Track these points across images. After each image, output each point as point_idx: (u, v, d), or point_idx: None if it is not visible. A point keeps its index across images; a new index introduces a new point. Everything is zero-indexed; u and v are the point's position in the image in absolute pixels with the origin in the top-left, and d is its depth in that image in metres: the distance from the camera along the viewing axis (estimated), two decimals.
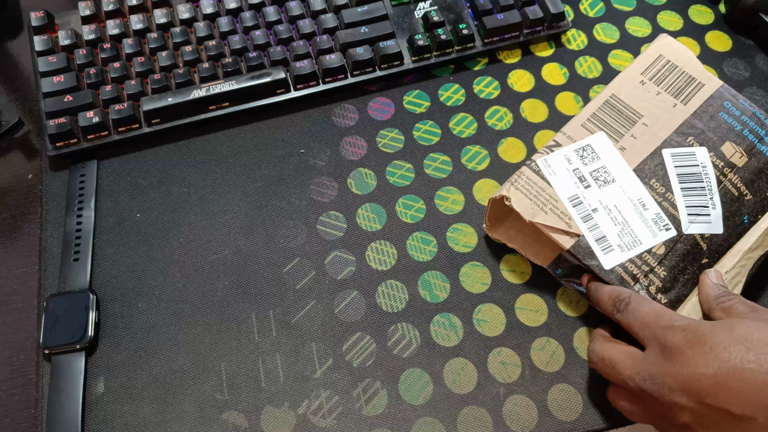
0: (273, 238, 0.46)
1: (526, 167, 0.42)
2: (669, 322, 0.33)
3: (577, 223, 0.39)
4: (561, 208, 0.40)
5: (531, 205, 0.40)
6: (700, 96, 0.43)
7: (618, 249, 0.38)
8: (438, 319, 0.43)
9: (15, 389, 0.41)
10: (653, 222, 0.39)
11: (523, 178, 0.41)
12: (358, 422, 0.40)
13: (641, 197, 0.40)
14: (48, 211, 0.46)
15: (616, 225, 0.39)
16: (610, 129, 0.42)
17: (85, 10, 0.51)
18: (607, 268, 0.38)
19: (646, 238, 0.38)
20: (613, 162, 0.41)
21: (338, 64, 0.50)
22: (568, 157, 0.41)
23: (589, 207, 0.39)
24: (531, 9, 0.53)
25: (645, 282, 0.38)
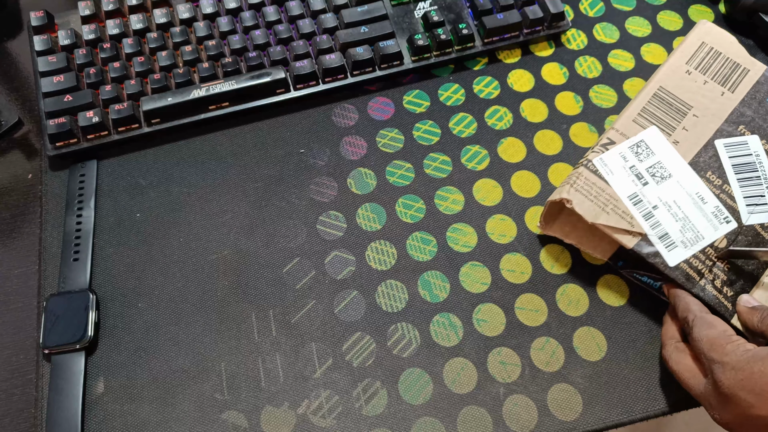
0: (273, 237, 0.46)
1: (583, 167, 0.41)
2: (720, 356, 0.33)
3: (639, 222, 0.39)
4: (622, 208, 0.40)
5: (592, 207, 0.40)
6: (746, 82, 0.42)
7: (681, 245, 0.38)
8: (438, 319, 0.43)
9: (15, 389, 0.41)
10: (713, 215, 0.39)
11: (582, 178, 0.41)
12: (358, 422, 0.40)
13: (699, 191, 0.39)
14: (48, 210, 0.46)
15: (677, 221, 0.39)
16: (661, 123, 0.42)
17: (84, 10, 0.51)
18: (672, 265, 0.38)
19: (708, 232, 0.38)
20: (668, 157, 0.41)
21: (338, 63, 0.50)
22: (624, 154, 0.41)
23: (649, 205, 0.39)
24: (531, 9, 0.53)
25: (710, 277, 0.38)
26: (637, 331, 0.42)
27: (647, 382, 0.41)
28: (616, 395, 0.40)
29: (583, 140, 0.50)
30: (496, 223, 0.46)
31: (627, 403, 0.40)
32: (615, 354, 0.42)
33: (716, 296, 0.38)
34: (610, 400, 0.40)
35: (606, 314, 0.43)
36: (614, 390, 0.41)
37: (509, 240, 0.46)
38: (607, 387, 0.41)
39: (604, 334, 0.42)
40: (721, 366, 0.32)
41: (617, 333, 0.42)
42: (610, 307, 0.43)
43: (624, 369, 0.41)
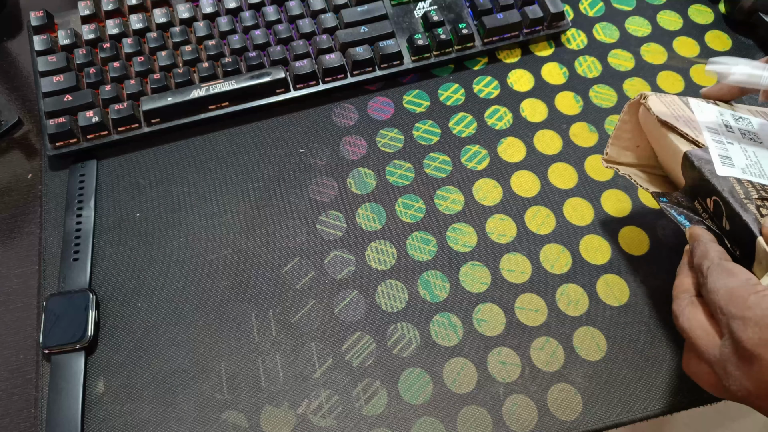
0: (273, 237, 0.46)
1: (675, 95, 0.39)
2: (741, 310, 0.28)
3: (706, 138, 0.36)
4: (695, 126, 0.37)
5: (666, 111, 0.37)
6: None
7: (740, 170, 0.35)
8: (438, 319, 0.43)
9: (15, 389, 0.41)
10: None
11: (670, 98, 0.39)
12: (358, 422, 0.40)
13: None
14: (48, 210, 0.46)
15: (747, 158, 0.36)
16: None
17: (84, 10, 0.51)
18: (720, 174, 0.34)
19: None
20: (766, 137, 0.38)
21: (338, 63, 0.50)
22: (722, 113, 0.39)
23: (725, 139, 0.37)
24: (531, 8, 0.53)
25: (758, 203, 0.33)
26: (637, 331, 0.42)
27: (647, 382, 0.41)
28: (616, 395, 0.40)
29: (583, 140, 0.50)
30: (496, 222, 0.46)
31: (627, 403, 0.40)
32: (615, 354, 0.42)
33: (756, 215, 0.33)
34: (610, 400, 0.40)
35: (606, 314, 0.43)
36: (614, 390, 0.41)
37: (509, 240, 0.46)
38: (607, 387, 0.41)
39: (604, 334, 0.42)
40: (742, 322, 0.28)
41: (617, 333, 0.42)
42: (610, 307, 0.43)
43: (624, 369, 0.41)
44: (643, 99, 0.38)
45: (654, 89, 0.52)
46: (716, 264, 0.31)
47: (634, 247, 0.45)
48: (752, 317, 0.27)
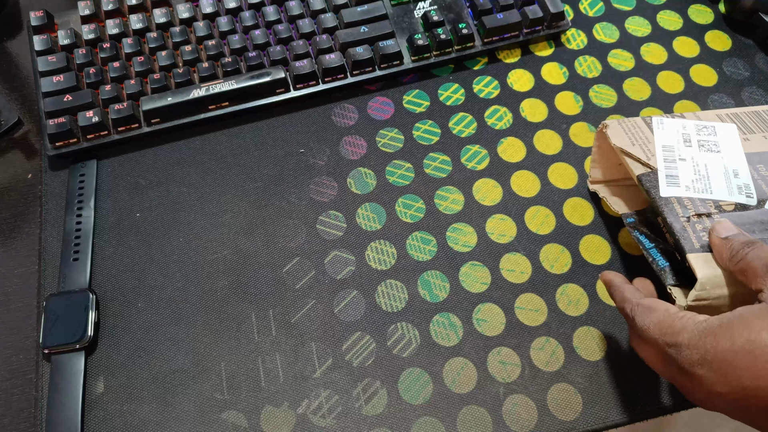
0: (272, 237, 0.46)
1: (640, 118, 0.42)
2: (672, 338, 0.31)
3: (657, 160, 0.39)
4: (650, 148, 0.40)
5: (624, 137, 0.40)
6: None
7: (684, 188, 0.38)
8: (438, 319, 0.43)
9: (15, 389, 0.41)
10: (737, 187, 0.38)
11: (631, 121, 0.42)
12: (358, 422, 0.40)
13: (738, 169, 0.39)
14: (48, 210, 0.46)
15: (696, 174, 0.38)
16: (743, 125, 0.42)
17: (84, 10, 0.51)
18: (663, 195, 0.37)
19: (720, 192, 0.37)
20: (728, 142, 0.40)
21: (338, 63, 0.50)
22: (685, 125, 0.41)
23: (677, 156, 0.39)
24: (530, 8, 0.53)
25: (695, 219, 0.36)
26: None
27: (647, 382, 0.41)
28: (616, 395, 0.40)
29: (582, 140, 0.50)
30: (495, 222, 0.46)
31: (627, 403, 0.40)
32: (615, 354, 0.42)
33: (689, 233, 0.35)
34: (610, 400, 0.40)
35: (606, 314, 0.43)
36: (614, 390, 0.41)
37: (509, 240, 0.46)
38: (607, 387, 0.41)
39: (604, 334, 0.42)
40: (677, 348, 0.30)
41: (617, 333, 0.42)
42: (610, 307, 0.43)
43: (624, 369, 0.41)
44: (605, 128, 0.41)
45: (654, 89, 0.52)
46: (636, 304, 0.34)
47: (634, 247, 0.45)
48: (683, 341, 0.30)
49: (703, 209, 0.36)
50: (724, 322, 0.29)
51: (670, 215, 0.36)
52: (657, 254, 0.39)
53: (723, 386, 0.28)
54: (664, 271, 0.37)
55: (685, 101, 0.52)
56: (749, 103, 0.51)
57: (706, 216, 0.36)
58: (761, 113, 0.43)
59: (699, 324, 0.30)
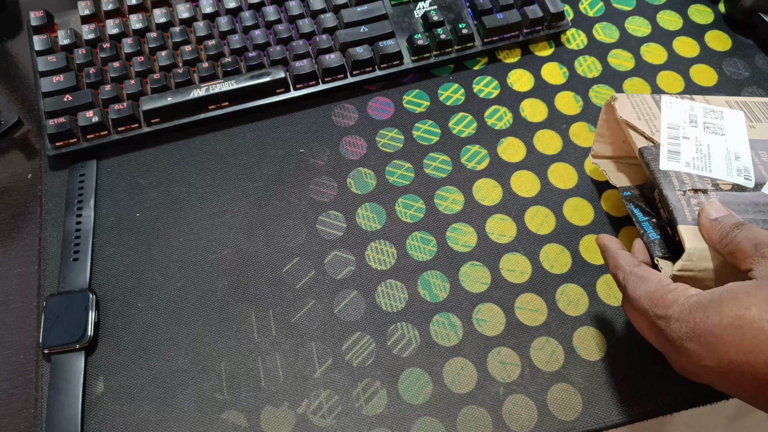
0: (272, 237, 0.46)
1: (649, 95, 0.42)
2: (663, 310, 0.31)
3: (661, 136, 0.39)
4: (655, 124, 0.40)
5: (631, 110, 0.41)
6: None
7: (684, 163, 0.38)
8: (437, 319, 0.43)
9: (14, 389, 0.41)
10: (737, 169, 0.38)
11: (640, 97, 0.42)
12: (358, 422, 0.40)
13: (740, 153, 0.39)
14: (47, 210, 0.46)
15: (697, 153, 0.39)
16: (751, 114, 0.42)
17: (84, 10, 0.51)
18: (663, 168, 0.38)
19: (719, 171, 0.38)
20: (733, 127, 0.41)
21: (338, 63, 0.50)
22: (694, 107, 0.42)
23: (681, 134, 0.40)
24: (530, 8, 0.53)
25: (691, 193, 0.36)
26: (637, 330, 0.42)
27: (647, 382, 0.41)
28: (616, 395, 0.40)
29: (582, 140, 0.50)
30: (495, 222, 0.46)
31: (627, 403, 0.40)
32: (615, 354, 0.42)
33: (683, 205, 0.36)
34: (610, 400, 0.40)
35: (606, 314, 0.43)
36: (614, 390, 0.41)
37: (509, 240, 0.46)
38: (607, 387, 0.41)
39: (604, 334, 0.42)
40: (666, 320, 0.31)
41: (617, 333, 0.42)
42: (609, 306, 0.43)
43: (624, 369, 0.41)
44: (613, 101, 0.42)
45: (654, 89, 0.52)
46: (629, 272, 0.34)
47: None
48: (673, 314, 0.30)
49: (700, 185, 0.37)
50: (714, 297, 0.29)
51: (666, 188, 0.37)
52: (649, 227, 0.39)
53: (711, 360, 0.29)
54: (653, 243, 0.38)
55: None
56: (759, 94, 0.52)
57: (702, 192, 0.36)
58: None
59: (690, 298, 0.30)
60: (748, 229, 0.32)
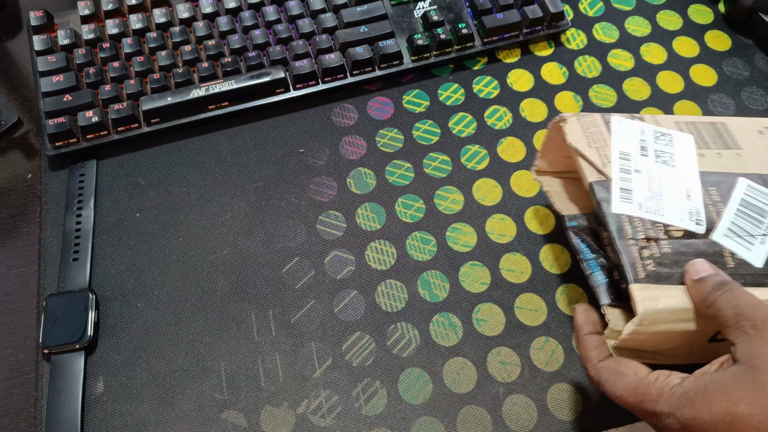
0: (272, 237, 0.46)
1: (599, 114, 0.40)
2: (651, 406, 0.29)
3: (612, 169, 0.37)
4: (606, 153, 0.38)
5: (581, 136, 0.38)
6: None
7: (636, 205, 0.36)
8: (437, 319, 0.43)
9: (14, 389, 0.41)
10: (688, 212, 0.36)
11: (590, 118, 0.40)
12: (358, 422, 0.40)
13: (691, 190, 0.37)
14: (47, 210, 0.46)
15: (649, 191, 0.37)
16: (700, 138, 0.40)
17: (84, 10, 0.51)
18: (614, 211, 0.35)
19: (671, 216, 0.36)
20: (684, 156, 0.39)
21: (337, 63, 0.50)
22: (644, 130, 0.40)
23: (633, 166, 0.38)
24: (530, 8, 0.53)
25: (643, 243, 0.35)
26: None
27: None
28: None
29: None
30: (495, 222, 0.46)
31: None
32: None
33: (635, 259, 0.34)
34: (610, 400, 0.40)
35: None
36: None
37: (509, 240, 0.46)
38: None
39: None
40: (656, 416, 0.29)
41: None
42: None
43: None
44: (562, 122, 0.39)
45: (654, 89, 0.52)
46: (600, 368, 0.32)
47: None
48: (663, 410, 0.29)
49: (652, 233, 0.35)
50: (700, 388, 0.28)
51: (618, 237, 0.35)
52: (596, 268, 0.37)
53: None
54: (599, 287, 0.36)
55: (685, 101, 0.52)
56: (749, 103, 0.51)
57: (655, 241, 0.35)
58: (718, 126, 0.41)
59: (675, 389, 0.29)
60: (730, 293, 0.30)
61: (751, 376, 0.27)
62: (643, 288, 0.33)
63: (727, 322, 0.29)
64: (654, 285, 0.33)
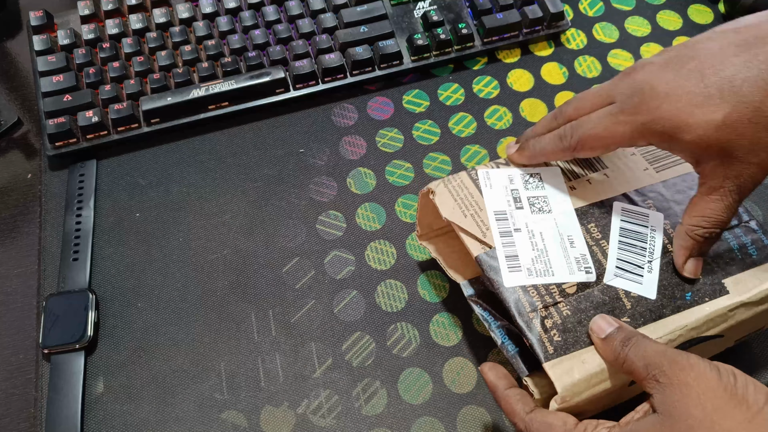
0: (272, 237, 0.46)
1: (464, 172, 0.39)
2: None
3: (494, 236, 0.36)
4: (482, 218, 0.37)
5: (454, 205, 0.37)
6: (677, 170, 0.39)
7: (526, 272, 0.35)
8: (437, 319, 0.43)
9: (14, 389, 0.41)
10: (575, 261, 0.36)
11: (458, 180, 0.38)
12: (358, 422, 0.40)
13: (572, 235, 0.36)
14: (47, 210, 0.46)
15: (534, 250, 0.36)
16: (567, 168, 0.39)
17: (84, 10, 0.51)
18: (507, 285, 0.34)
19: (561, 272, 0.35)
20: (556, 196, 0.38)
21: (337, 63, 0.50)
22: (512, 177, 0.39)
23: (512, 225, 0.37)
24: (530, 8, 0.53)
25: (543, 313, 0.34)
26: None
27: None
28: None
29: None
30: None
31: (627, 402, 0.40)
32: None
33: (540, 335, 0.33)
34: None
35: None
36: None
37: None
38: None
39: None
40: None
41: None
42: None
43: None
44: (431, 195, 0.38)
45: None
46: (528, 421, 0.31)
47: None
48: None
49: (549, 299, 0.34)
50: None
51: (518, 315, 0.34)
52: (504, 336, 0.36)
53: None
54: (515, 358, 0.35)
55: None
56: None
57: (553, 306, 0.34)
58: None
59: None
60: (636, 346, 0.30)
61: (668, 425, 0.27)
62: (556, 364, 0.32)
63: (639, 374, 0.29)
64: (564, 356, 0.32)
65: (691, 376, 0.27)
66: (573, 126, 0.35)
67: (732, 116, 0.29)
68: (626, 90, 0.32)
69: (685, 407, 0.26)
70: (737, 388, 0.26)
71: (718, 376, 0.27)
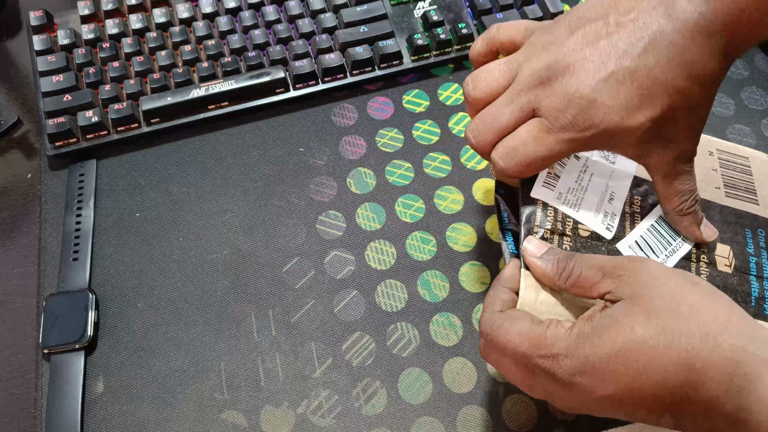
0: (272, 237, 0.46)
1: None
2: (548, 350, 0.29)
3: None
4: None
5: None
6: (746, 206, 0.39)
7: (557, 194, 0.36)
8: (437, 319, 0.43)
9: (14, 389, 0.41)
10: (604, 214, 0.36)
11: None
12: (358, 422, 0.40)
13: (617, 193, 0.37)
14: (47, 210, 0.46)
15: (576, 182, 0.37)
16: None
17: (84, 10, 0.51)
18: (533, 195, 0.35)
19: (586, 215, 0.36)
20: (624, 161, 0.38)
21: (337, 63, 0.50)
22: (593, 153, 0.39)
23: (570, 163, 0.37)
24: (530, 8, 0.53)
25: (547, 234, 0.34)
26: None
27: None
28: None
29: None
30: (495, 222, 0.46)
31: None
32: None
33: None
34: None
35: None
36: None
37: None
38: None
39: None
40: (553, 359, 0.29)
41: None
42: None
43: None
44: None
45: None
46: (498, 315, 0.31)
47: None
48: (560, 352, 0.29)
49: (559, 226, 0.35)
50: (596, 326, 0.28)
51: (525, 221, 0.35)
52: (510, 238, 0.37)
53: (605, 390, 0.28)
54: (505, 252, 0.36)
55: None
56: (748, 103, 0.51)
57: (559, 235, 0.34)
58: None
59: (570, 331, 0.29)
60: (582, 259, 0.31)
61: (639, 303, 0.28)
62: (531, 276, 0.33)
63: (592, 280, 0.30)
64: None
65: (651, 264, 0.29)
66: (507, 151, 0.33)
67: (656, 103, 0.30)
68: (555, 103, 0.31)
69: (654, 287, 0.28)
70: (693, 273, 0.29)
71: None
